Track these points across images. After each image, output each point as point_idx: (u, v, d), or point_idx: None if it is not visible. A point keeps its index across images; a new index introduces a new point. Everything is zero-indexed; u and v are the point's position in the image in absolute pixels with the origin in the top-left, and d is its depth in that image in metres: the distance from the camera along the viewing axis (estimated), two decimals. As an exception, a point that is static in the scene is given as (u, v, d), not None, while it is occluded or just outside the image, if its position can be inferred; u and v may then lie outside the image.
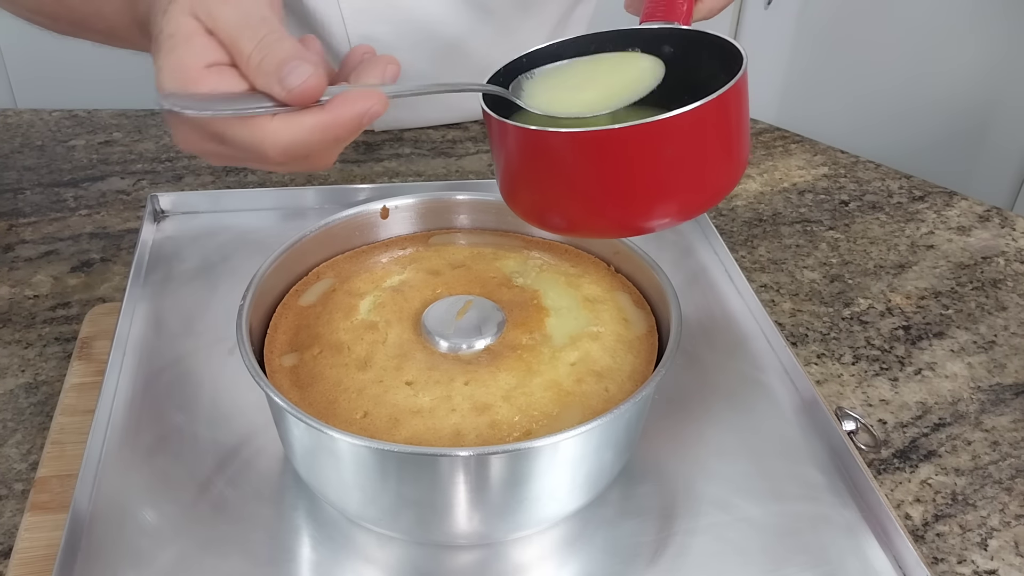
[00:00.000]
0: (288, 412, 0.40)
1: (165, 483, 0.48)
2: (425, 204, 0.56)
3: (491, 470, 0.41)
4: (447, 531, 0.44)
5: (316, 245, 0.53)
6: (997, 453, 0.56)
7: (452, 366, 0.45)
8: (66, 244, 0.71)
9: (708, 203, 0.47)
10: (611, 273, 0.54)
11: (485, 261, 0.53)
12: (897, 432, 0.57)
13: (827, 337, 0.65)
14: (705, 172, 0.45)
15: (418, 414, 0.42)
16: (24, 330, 0.62)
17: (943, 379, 0.62)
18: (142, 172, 0.80)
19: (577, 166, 0.43)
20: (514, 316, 0.48)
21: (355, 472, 0.42)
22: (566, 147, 0.43)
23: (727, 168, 0.46)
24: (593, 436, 0.42)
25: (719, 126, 0.44)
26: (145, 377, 0.54)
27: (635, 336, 0.49)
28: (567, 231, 0.49)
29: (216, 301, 0.60)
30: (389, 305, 0.49)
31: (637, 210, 0.45)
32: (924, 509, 0.52)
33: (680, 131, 0.42)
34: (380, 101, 0.39)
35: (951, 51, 1.74)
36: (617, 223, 0.46)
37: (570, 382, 0.45)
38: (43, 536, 0.46)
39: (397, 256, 0.54)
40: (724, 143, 0.45)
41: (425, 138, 0.88)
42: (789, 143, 0.90)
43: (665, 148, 0.42)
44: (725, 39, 0.47)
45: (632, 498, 0.49)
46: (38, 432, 0.54)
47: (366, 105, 0.39)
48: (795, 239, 0.75)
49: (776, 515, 0.48)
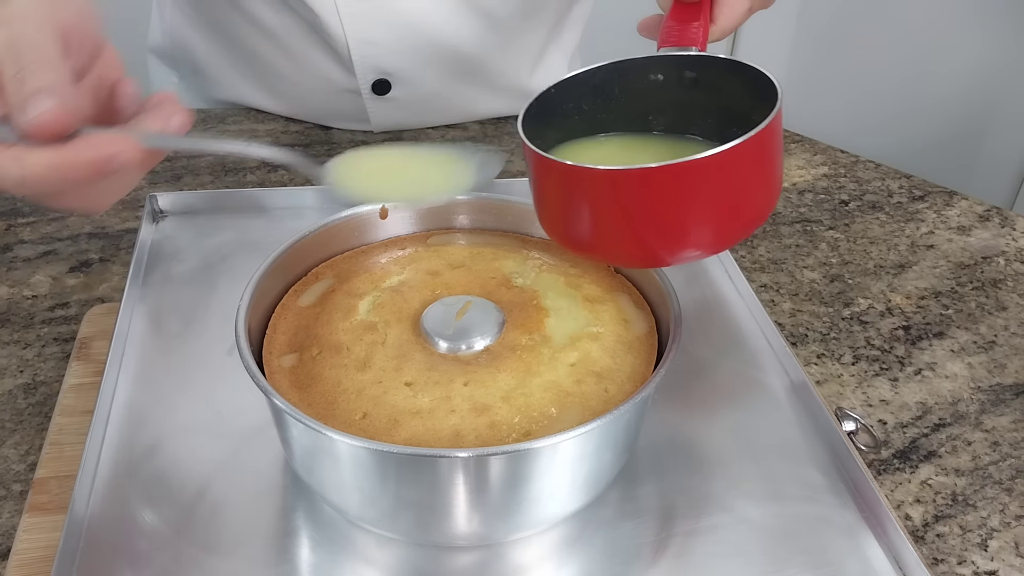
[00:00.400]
0: (287, 413, 0.40)
1: (164, 484, 0.48)
2: (424, 204, 0.56)
3: (490, 471, 0.41)
4: (446, 532, 0.44)
5: (315, 245, 0.53)
6: (997, 453, 0.56)
7: (451, 367, 0.45)
8: (65, 244, 0.71)
9: (748, 230, 0.48)
10: (611, 274, 0.53)
11: (484, 261, 0.53)
12: (897, 432, 0.57)
13: (827, 337, 0.64)
14: (747, 202, 0.46)
15: (417, 415, 0.42)
16: (23, 330, 0.62)
17: (943, 379, 0.62)
18: (141, 172, 0.80)
19: (625, 203, 0.44)
20: (513, 317, 0.48)
21: (354, 473, 0.42)
22: (617, 184, 0.43)
23: (766, 197, 0.47)
24: (592, 437, 0.42)
25: (760, 158, 0.45)
26: (144, 378, 0.54)
27: (635, 337, 0.49)
28: (609, 261, 0.50)
29: (215, 301, 0.60)
30: (388, 305, 0.49)
31: (679, 242, 0.46)
32: (924, 510, 0.52)
33: (724, 166, 0.43)
34: (128, 149, 0.37)
35: (951, 50, 1.74)
36: (662, 256, 0.46)
37: (570, 383, 0.45)
38: (41, 537, 0.46)
39: (396, 256, 0.54)
40: (764, 173, 0.46)
41: (425, 137, 0.88)
42: (789, 143, 0.90)
43: (711, 182, 0.43)
44: (757, 69, 0.48)
45: (632, 499, 0.49)
46: (36, 433, 0.54)
47: (110, 151, 0.37)
48: (795, 239, 0.75)
49: (776, 516, 0.48)
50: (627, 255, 0.47)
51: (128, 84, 0.43)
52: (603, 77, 0.51)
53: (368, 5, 0.79)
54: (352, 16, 0.79)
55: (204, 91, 0.92)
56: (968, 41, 1.72)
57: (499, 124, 0.92)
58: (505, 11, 0.83)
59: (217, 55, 0.88)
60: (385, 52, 0.82)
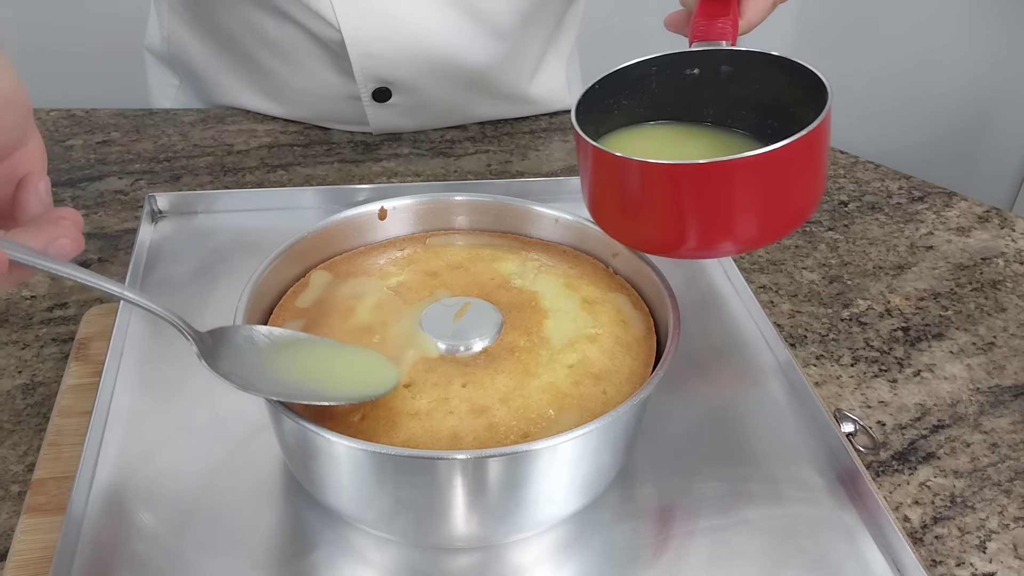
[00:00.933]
0: (285, 415, 0.40)
1: (162, 485, 0.48)
2: (423, 205, 0.56)
3: (488, 473, 0.41)
4: (445, 534, 0.44)
5: (314, 246, 0.53)
6: (996, 455, 0.56)
7: (450, 368, 0.45)
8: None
9: (795, 224, 0.50)
10: (609, 275, 0.53)
11: (483, 262, 0.53)
12: (896, 434, 0.57)
13: (826, 338, 0.64)
14: (796, 197, 0.48)
15: (415, 416, 0.42)
16: (21, 331, 0.62)
17: (942, 381, 0.62)
18: (140, 172, 0.80)
19: (680, 196, 0.46)
20: (512, 318, 0.48)
21: (352, 475, 0.42)
22: (673, 178, 0.45)
23: (813, 193, 0.49)
24: (591, 439, 0.42)
25: (811, 154, 0.46)
26: (142, 379, 0.54)
27: (633, 338, 0.49)
28: (660, 253, 0.51)
29: (214, 301, 0.60)
30: (387, 306, 0.49)
31: (727, 235, 0.48)
32: (923, 511, 0.52)
33: (781, 161, 0.45)
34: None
35: (950, 51, 1.74)
36: (719, 246, 0.49)
37: (568, 384, 0.45)
38: (39, 538, 0.46)
39: (395, 257, 0.54)
40: (814, 169, 0.48)
41: (424, 138, 0.88)
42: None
43: (767, 177, 0.45)
44: (801, 64, 0.50)
45: (630, 501, 0.49)
46: (35, 434, 0.54)
47: None
48: (794, 240, 0.75)
49: (774, 518, 0.48)
50: (675, 245, 0.49)
51: (39, 183, 0.40)
52: (641, 72, 0.53)
53: (370, 19, 0.79)
54: (354, 29, 0.79)
55: (203, 94, 0.92)
56: (967, 42, 1.72)
57: (498, 125, 0.92)
58: (508, 23, 0.83)
59: (215, 60, 0.88)
60: (386, 64, 0.82)
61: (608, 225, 0.51)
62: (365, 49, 0.81)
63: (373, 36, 0.80)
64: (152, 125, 0.87)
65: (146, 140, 0.85)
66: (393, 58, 0.82)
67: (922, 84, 1.76)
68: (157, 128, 0.87)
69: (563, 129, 0.90)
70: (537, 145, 0.87)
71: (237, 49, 0.86)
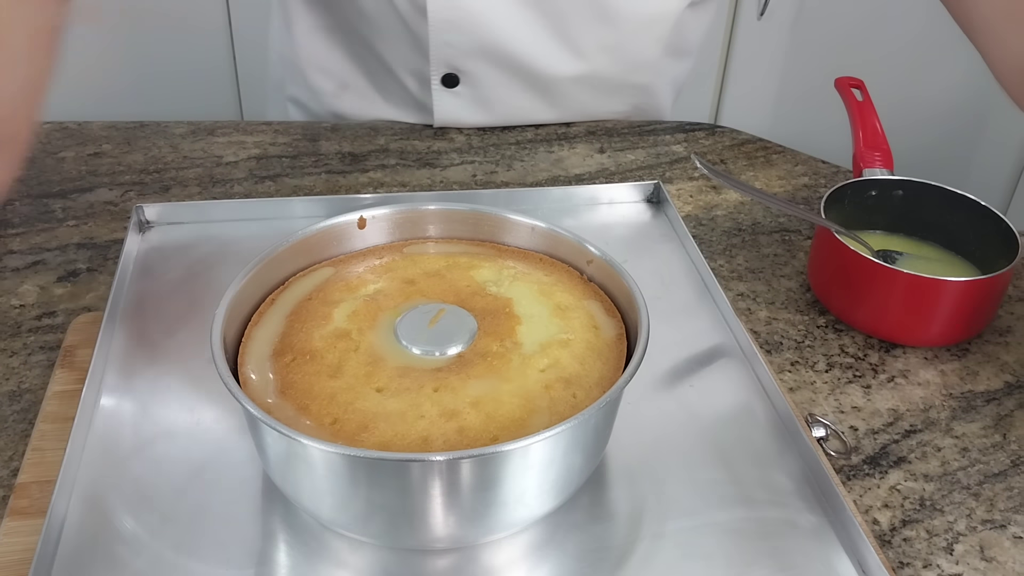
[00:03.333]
0: (260, 420, 0.41)
1: (142, 489, 0.49)
2: (402, 214, 0.57)
3: (461, 474, 0.42)
4: (418, 536, 0.45)
5: (294, 255, 0.54)
6: (966, 459, 0.57)
7: (422, 373, 0.46)
8: (53, 254, 0.72)
9: (958, 339, 0.66)
10: (583, 281, 0.55)
11: (460, 270, 0.54)
12: (868, 438, 0.58)
13: (801, 345, 0.65)
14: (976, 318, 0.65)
15: (386, 420, 0.43)
16: (9, 339, 0.63)
17: (915, 386, 0.62)
18: (130, 183, 0.81)
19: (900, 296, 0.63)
20: (486, 324, 0.49)
21: (326, 478, 0.43)
22: (912, 285, 0.63)
23: (984, 319, 0.66)
24: (560, 441, 0.43)
25: (1000, 287, 0.64)
26: (126, 385, 0.55)
27: (604, 343, 0.50)
28: (873, 333, 0.67)
29: (198, 310, 0.61)
30: (363, 313, 0.50)
31: (922, 330, 0.65)
32: (892, 514, 0.53)
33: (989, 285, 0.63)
34: None
35: (944, 57, 1.75)
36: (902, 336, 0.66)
37: (538, 389, 0.46)
38: (21, 541, 0.46)
39: (373, 265, 0.55)
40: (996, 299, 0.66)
41: (411, 149, 0.89)
42: (771, 153, 0.91)
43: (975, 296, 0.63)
44: (999, 216, 0.67)
45: (602, 503, 0.50)
46: (20, 439, 0.55)
47: None
48: (773, 248, 0.76)
49: (743, 520, 0.49)
50: (874, 329, 0.66)
51: None
52: (847, 189, 0.70)
53: (453, 12, 0.85)
54: (437, 21, 0.85)
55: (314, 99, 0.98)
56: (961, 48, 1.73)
57: (484, 136, 0.93)
58: (588, 47, 0.88)
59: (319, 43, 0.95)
60: (459, 52, 0.88)
61: (826, 298, 0.68)
62: (444, 38, 0.87)
63: (454, 26, 0.86)
64: (143, 137, 0.89)
65: (137, 152, 0.86)
66: (467, 47, 0.87)
67: (915, 90, 1.77)
68: (148, 140, 0.88)
69: (548, 140, 0.92)
70: (522, 156, 0.89)
71: (335, 25, 0.93)
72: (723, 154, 0.91)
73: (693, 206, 0.81)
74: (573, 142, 0.91)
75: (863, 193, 0.72)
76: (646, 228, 0.73)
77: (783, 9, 1.86)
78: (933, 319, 0.64)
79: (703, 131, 0.95)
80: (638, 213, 0.74)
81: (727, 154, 0.91)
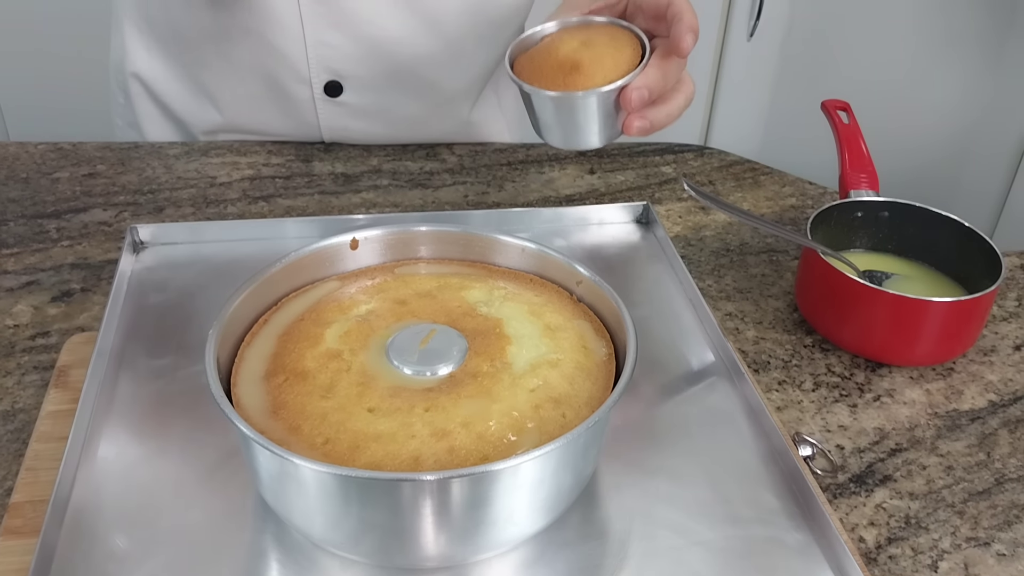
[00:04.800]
0: (252, 440, 0.41)
1: (135, 508, 0.49)
2: (394, 236, 0.58)
3: (452, 493, 0.42)
4: (409, 555, 0.46)
5: (286, 275, 0.55)
6: (951, 477, 0.58)
7: (413, 393, 0.46)
8: (47, 275, 0.72)
9: (945, 358, 0.68)
10: (573, 302, 0.55)
11: (451, 291, 0.55)
12: (854, 457, 0.59)
13: (788, 364, 0.66)
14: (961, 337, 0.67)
15: (378, 440, 0.44)
16: (3, 359, 0.63)
17: (901, 405, 0.63)
18: (124, 204, 0.82)
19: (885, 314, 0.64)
20: (476, 344, 0.50)
21: (318, 497, 0.43)
22: (895, 304, 0.64)
23: (970, 338, 0.67)
24: (550, 459, 0.44)
25: (985, 307, 0.66)
26: (119, 404, 0.56)
27: (594, 364, 0.50)
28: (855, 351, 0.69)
29: (192, 330, 0.62)
30: (355, 333, 0.50)
31: (907, 350, 0.66)
32: (878, 532, 0.54)
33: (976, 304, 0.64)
34: None
35: (930, 85, 1.77)
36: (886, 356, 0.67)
37: (528, 408, 0.46)
38: (15, 560, 0.47)
39: (365, 286, 0.56)
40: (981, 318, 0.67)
41: (403, 170, 0.90)
42: (759, 175, 0.92)
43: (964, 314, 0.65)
44: (967, 225, 0.70)
45: (592, 522, 0.50)
46: (14, 459, 0.55)
47: None
48: (761, 268, 0.77)
49: (731, 538, 0.49)
50: (860, 348, 0.67)
51: None
52: (834, 210, 0.72)
53: (328, 8, 0.83)
54: (312, 16, 0.83)
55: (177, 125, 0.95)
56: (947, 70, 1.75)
57: (476, 157, 0.94)
58: (456, 30, 0.87)
59: (171, 72, 0.91)
60: (339, 55, 0.86)
61: (813, 319, 0.70)
62: (321, 37, 0.84)
63: (329, 24, 0.84)
64: (137, 158, 0.90)
65: (131, 173, 0.87)
66: (346, 48, 0.85)
67: (902, 112, 1.79)
68: (142, 161, 0.89)
69: (539, 161, 0.93)
70: (513, 177, 0.90)
71: (189, 54, 0.89)
72: (711, 175, 0.92)
73: (682, 227, 0.83)
74: (564, 163, 0.92)
75: (849, 214, 0.73)
76: (635, 248, 0.74)
77: (772, 31, 1.88)
78: (918, 339, 0.64)
79: (692, 152, 0.96)
80: (627, 234, 0.75)
81: (715, 175, 0.92)
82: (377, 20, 0.84)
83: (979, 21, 1.67)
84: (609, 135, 0.63)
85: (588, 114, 0.61)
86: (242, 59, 0.87)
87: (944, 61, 1.74)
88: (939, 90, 1.77)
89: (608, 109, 0.61)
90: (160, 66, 0.92)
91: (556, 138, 0.64)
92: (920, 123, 1.81)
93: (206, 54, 0.88)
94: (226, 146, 0.92)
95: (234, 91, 0.90)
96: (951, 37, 1.71)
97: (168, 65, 0.92)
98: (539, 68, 0.61)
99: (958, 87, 1.76)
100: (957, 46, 1.72)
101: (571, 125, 0.62)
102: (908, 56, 1.77)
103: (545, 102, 0.61)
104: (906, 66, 1.78)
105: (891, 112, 1.81)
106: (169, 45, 0.90)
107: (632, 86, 0.59)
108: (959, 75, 1.74)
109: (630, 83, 0.59)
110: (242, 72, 0.88)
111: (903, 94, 1.79)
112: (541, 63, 0.61)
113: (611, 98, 0.60)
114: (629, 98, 0.59)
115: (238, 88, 0.90)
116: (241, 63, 0.88)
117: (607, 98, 0.60)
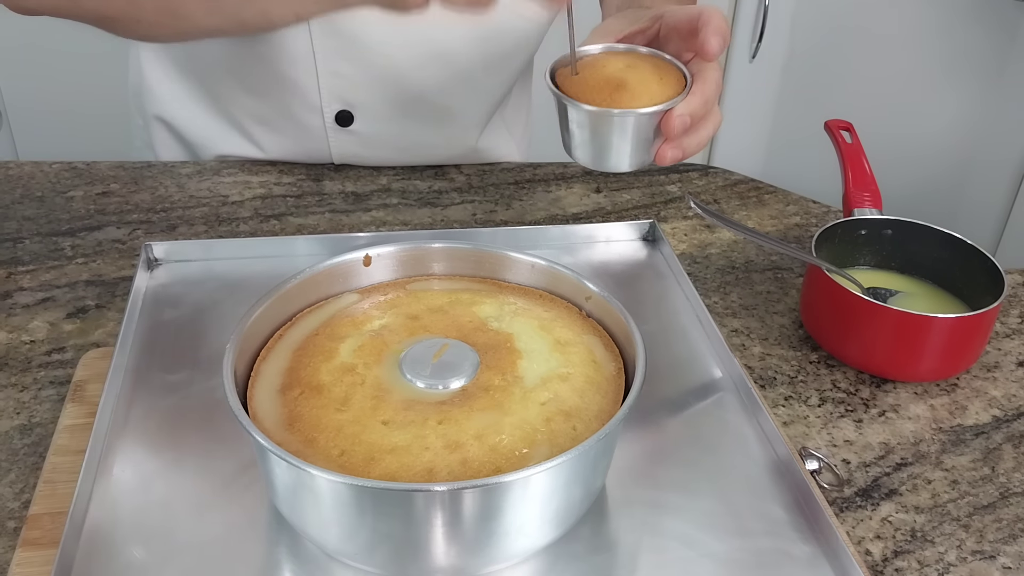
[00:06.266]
0: (269, 451, 0.42)
1: (152, 520, 0.50)
2: (406, 252, 0.59)
3: (464, 505, 0.43)
4: (422, 565, 0.46)
5: (301, 291, 0.56)
6: (956, 491, 0.58)
7: (427, 406, 0.47)
8: (63, 291, 0.73)
9: (949, 374, 0.68)
10: (582, 317, 0.56)
11: (463, 306, 0.56)
12: (860, 471, 0.59)
13: (794, 380, 0.67)
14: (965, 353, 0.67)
15: (392, 452, 0.44)
16: (20, 374, 0.64)
17: (906, 420, 0.64)
18: (138, 222, 0.83)
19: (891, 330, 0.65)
20: (488, 358, 0.51)
21: (333, 508, 0.44)
22: (900, 320, 0.65)
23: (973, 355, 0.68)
24: (561, 472, 0.44)
25: (988, 323, 0.67)
26: (135, 418, 0.56)
27: (603, 378, 0.51)
28: (856, 365, 0.70)
29: (206, 346, 0.63)
30: (369, 348, 0.51)
31: (911, 365, 0.66)
32: (884, 545, 0.54)
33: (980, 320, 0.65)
34: None
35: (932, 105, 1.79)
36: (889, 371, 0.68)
37: (539, 421, 0.47)
38: (33, 571, 0.48)
39: (378, 301, 0.57)
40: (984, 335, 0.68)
41: (412, 188, 0.91)
42: (763, 194, 0.94)
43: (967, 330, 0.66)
44: (988, 257, 0.69)
45: (602, 534, 0.51)
46: (31, 472, 0.56)
47: None
48: (766, 285, 0.78)
49: (739, 550, 0.50)
50: (865, 364, 0.68)
51: None
52: (837, 228, 0.73)
53: (339, 40, 0.84)
54: (324, 47, 0.84)
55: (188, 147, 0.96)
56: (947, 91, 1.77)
57: (484, 176, 0.95)
58: (466, 61, 0.88)
59: (188, 98, 0.93)
60: (350, 85, 0.87)
61: (817, 335, 0.71)
62: (332, 67, 0.85)
63: (341, 56, 0.85)
64: (150, 177, 0.91)
65: (144, 191, 0.88)
66: (357, 78, 0.86)
67: (905, 131, 1.80)
68: (155, 180, 0.90)
69: (545, 180, 0.94)
70: (521, 195, 0.91)
71: (207, 77, 0.91)
72: (716, 194, 0.93)
73: (688, 244, 0.84)
74: (570, 182, 0.94)
75: (853, 232, 0.74)
76: (642, 266, 0.75)
77: (774, 52, 1.90)
78: (922, 355, 0.65)
79: (697, 172, 0.97)
80: (634, 251, 0.76)
81: (720, 194, 0.93)
82: (387, 51, 0.85)
83: (980, 40, 1.69)
84: (641, 160, 0.62)
85: (624, 134, 0.61)
86: (255, 87, 0.89)
87: (946, 79, 1.76)
88: (941, 108, 1.78)
89: (645, 133, 0.60)
90: (178, 88, 0.94)
91: (586, 157, 0.63)
92: (923, 141, 1.82)
93: (221, 80, 0.90)
94: (237, 165, 0.94)
95: (248, 116, 0.92)
96: (953, 56, 1.73)
97: (185, 88, 0.93)
98: (583, 82, 0.61)
99: (960, 105, 1.77)
100: (959, 65, 1.74)
101: (605, 144, 0.62)
102: (910, 75, 1.79)
103: (583, 117, 0.61)
104: (908, 85, 1.80)
105: (894, 131, 1.83)
106: (185, 69, 0.92)
107: (676, 112, 0.59)
108: (961, 93, 1.76)
109: (674, 108, 0.59)
110: (256, 99, 0.90)
111: (906, 113, 1.81)
112: (586, 78, 0.61)
113: (651, 122, 0.60)
114: (672, 124, 0.59)
115: (252, 113, 0.91)
116: (254, 90, 0.89)
117: (648, 121, 0.60)
